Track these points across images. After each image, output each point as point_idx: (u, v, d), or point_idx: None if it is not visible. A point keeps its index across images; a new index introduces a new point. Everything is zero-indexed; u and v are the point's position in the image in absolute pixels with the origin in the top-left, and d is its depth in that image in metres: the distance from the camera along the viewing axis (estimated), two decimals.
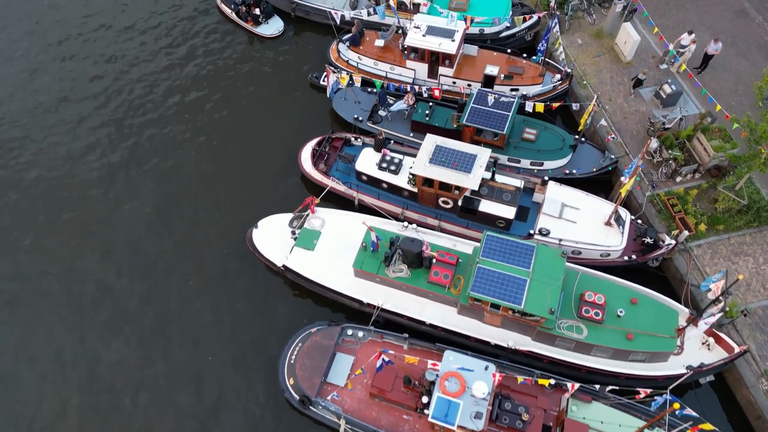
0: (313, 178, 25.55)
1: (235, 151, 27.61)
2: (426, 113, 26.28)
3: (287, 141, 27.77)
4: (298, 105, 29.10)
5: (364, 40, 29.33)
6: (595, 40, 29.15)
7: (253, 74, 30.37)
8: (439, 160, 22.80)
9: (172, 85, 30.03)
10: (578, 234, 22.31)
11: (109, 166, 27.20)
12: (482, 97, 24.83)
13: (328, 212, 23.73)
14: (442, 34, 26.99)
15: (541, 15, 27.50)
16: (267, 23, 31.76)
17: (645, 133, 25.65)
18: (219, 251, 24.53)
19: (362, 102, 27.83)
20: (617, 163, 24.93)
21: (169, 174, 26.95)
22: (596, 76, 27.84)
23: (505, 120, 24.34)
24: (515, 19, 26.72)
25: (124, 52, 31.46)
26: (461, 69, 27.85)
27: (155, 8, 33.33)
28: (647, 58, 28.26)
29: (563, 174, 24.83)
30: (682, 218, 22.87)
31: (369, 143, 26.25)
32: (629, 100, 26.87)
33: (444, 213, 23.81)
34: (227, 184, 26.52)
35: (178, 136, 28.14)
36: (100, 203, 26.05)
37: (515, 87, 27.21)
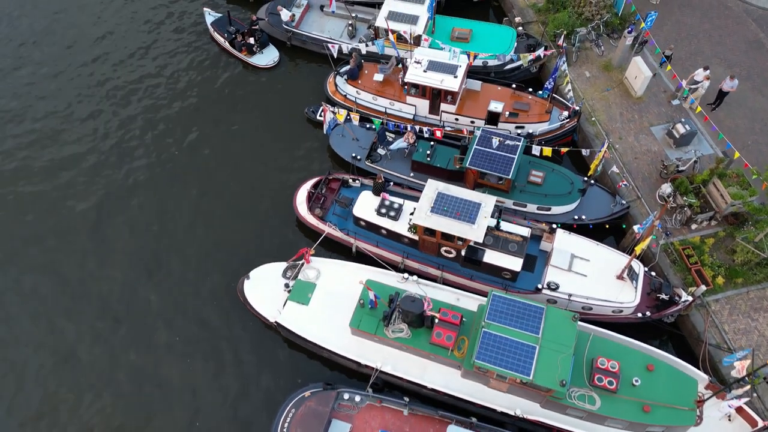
0: (308, 223, 24.30)
1: (226, 191, 26.32)
2: (427, 153, 25.03)
3: (282, 180, 26.52)
4: (294, 141, 27.85)
5: (362, 73, 28.09)
6: (603, 73, 27.90)
7: (246, 107, 29.11)
8: (440, 208, 21.55)
9: (156, 118, 28.67)
10: (589, 288, 21.04)
11: (96, 207, 25.95)
12: (486, 139, 23.59)
13: (324, 262, 22.48)
14: (444, 69, 25.74)
15: (548, 53, 26.22)
16: (262, 53, 30.52)
17: (658, 176, 24.39)
18: (208, 303, 23.26)
19: (360, 139, 26.60)
20: (629, 208, 23.66)
21: (153, 217, 25.63)
22: (605, 112, 26.59)
23: (511, 164, 23.09)
24: (521, 56, 25.45)
25: (107, 83, 30.23)
26: (464, 105, 26.62)
27: (143, 37, 32.05)
28: (659, 93, 27.01)
29: (572, 220, 23.58)
30: (698, 270, 21.60)
31: (367, 184, 25.02)
32: (640, 138, 25.63)
33: (446, 262, 22.56)
34: (218, 227, 25.25)
35: (164, 175, 26.84)
36: (84, 243, 24.80)
37: (521, 124, 25.96)
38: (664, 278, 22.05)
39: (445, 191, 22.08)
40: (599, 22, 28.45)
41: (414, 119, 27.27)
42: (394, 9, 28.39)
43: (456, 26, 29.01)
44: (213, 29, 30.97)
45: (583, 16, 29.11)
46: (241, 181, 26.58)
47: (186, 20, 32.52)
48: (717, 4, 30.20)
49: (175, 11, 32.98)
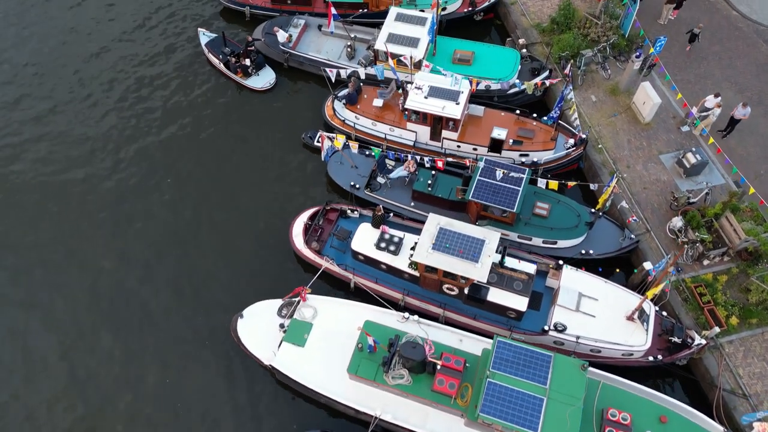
0: (304, 256, 23.40)
1: (219, 222, 25.39)
2: (428, 183, 24.15)
3: (278, 210, 25.63)
4: (291, 168, 26.95)
5: (361, 97, 27.21)
6: (610, 98, 27.01)
7: (241, 132, 28.17)
8: (442, 245, 20.66)
9: (147, 144, 27.72)
10: (597, 330, 20.13)
11: (90, 238, 25.08)
12: (489, 171, 22.70)
13: (321, 300, 21.58)
14: (446, 96, 24.87)
15: (554, 81, 25.31)
16: (258, 75, 29.62)
17: (668, 207, 23.51)
18: (201, 342, 22.36)
19: (360, 167, 25.71)
20: (638, 242, 22.77)
21: (142, 250, 24.73)
22: (612, 139, 25.71)
23: (515, 197, 22.21)
24: (526, 83, 24.57)
25: (97, 104, 29.38)
26: (466, 131, 25.74)
27: (134, 57, 31.09)
28: (667, 118, 26.13)
29: (578, 255, 22.70)
30: (711, 310, 20.71)
31: (366, 215, 24.13)
32: (649, 167, 24.74)
33: (449, 300, 21.67)
34: (210, 260, 24.34)
35: (155, 204, 25.91)
36: (73, 280, 23.92)
37: (525, 152, 25.09)
38: (676, 318, 21.16)
39: (447, 226, 21.20)
40: (606, 45, 27.58)
41: (414, 146, 26.40)
42: (394, 31, 27.52)
43: (458, 48, 28.14)
44: (207, 50, 30.08)
45: (589, 37, 28.25)
46: (236, 211, 25.68)
47: (180, 40, 31.62)
48: (727, 25, 29.34)
49: (169, 30, 32.07)
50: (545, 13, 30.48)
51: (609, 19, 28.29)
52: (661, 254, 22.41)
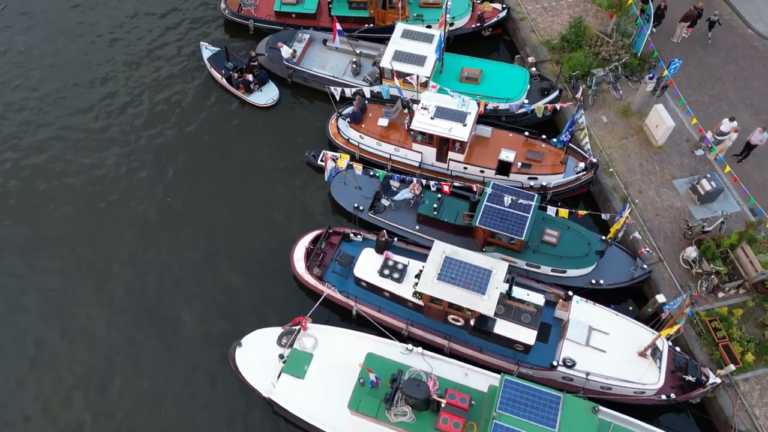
0: (306, 282, 22.75)
1: (218, 243, 24.76)
2: (434, 206, 23.48)
3: (280, 232, 24.97)
4: (294, 188, 26.29)
5: (366, 116, 26.55)
6: (622, 119, 26.28)
7: (242, 150, 27.51)
8: (448, 275, 19.97)
9: (145, 161, 27.05)
10: (608, 366, 19.41)
11: (87, 263, 24.51)
12: (497, 197, 22.00)
13: (322, 330, 20.91)
14: (453, 117, 24.19)
15: (564, 105, 24.57)
16: (260, 90, 28.99)
17: (681, 236, 22.75)
18: (197, 370, 21.72)
19: (363, 188, 25.04)
20: (651, 273, 22.03)
21: (139, 273, 24.11)
22: (624, 163, 24.98)
23: (524, 224, 21.51)
24: (536, 107, 23.85)
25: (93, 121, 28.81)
26: (473, 152, 25.05)
27: (134, 70, 30.49)
28: (681, 141, 25.39)
29: (588, 284, 21.98)
30: (726, 346, 19.96)
31: (370, 239, 23.47)
32: (662, 193, 24.00)
33: (454, 331, 20.97)
34: (209, 284, 23.70)
35: (153, 224, 25.30)
36: (70, 299, 23.35)
37: (533, 176, 24.38)
38: (690, 354, 20.40)
39: (452, 255, 20.50)
40: (618, 64, 26.84)
41: (420, 166, 25.73)
42: (400, 48, 26.85)
43: (465, 66, 27.44)
44: (209, 65, 29.46)
45: (600, 56, 27.53)
46: (236, 232, 25.03)
47: (182, 54, 31.02)
48: (742, 44, 28.57)
49: (170, 43, 31.49)
50: (555, 29, 29.78)
51: (621, 38, 27.57)
52: (674, 285, 21.68)
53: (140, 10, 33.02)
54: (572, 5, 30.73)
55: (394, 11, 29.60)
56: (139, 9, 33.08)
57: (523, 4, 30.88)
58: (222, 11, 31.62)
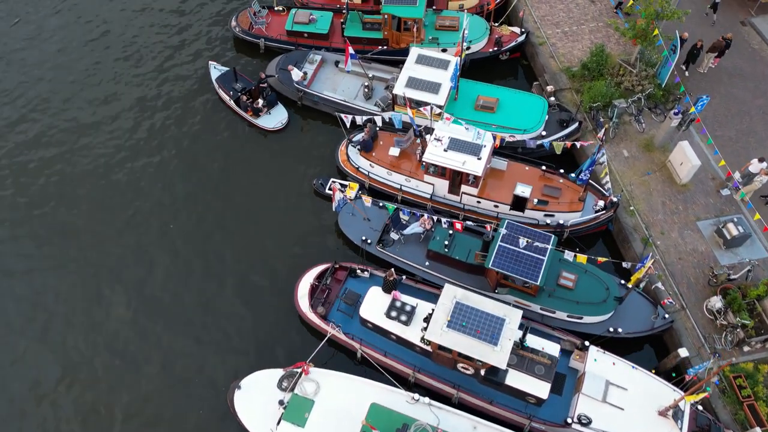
0: (309, 321, 21.86)
1: (220, 276, 23.86)
2: (445, 243, 22.49)
3: (284, 264, 24.07)
4: (300, 217, 25.38)
5: (377, 143, 25.64)
6: (644, 154, 25.14)
7: (248, 175, 26.54)
8: (458, 323, 18.97)
9: (147, 185, 26.22)
10: (626, 425, 18.34)
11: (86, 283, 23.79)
12: (512, 238, 20.98)
13: (325, 374, 19.99)
14: (467, 149, 23.20)
15: (585, 144, 23.44)
16: (269, 113, 28.14)
17: (706, 283, 21.60)
18: (194, 412, 20.87)
19: (372, 219, 24.12)
20: (672, 322, 20.90)
21: (133, 305, 23.29)
22: (646, 201, 23.85)
23: (539, 267, 20.49)
24: (554, 144, 22.81)
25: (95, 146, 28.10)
26: (487, 186, 24.05)
27: (139, 89, 29.72)
28: (706, 179, 24.22)
29: (606, 332, 20.89)
30: (751, 405, 18.81)
31: (378, 276, 22.53)
32: (685, 235, 22.85)
33: (463, 380, 19.96)
34: (209, 320, 22.79)
35: (152, 251, 24.50)
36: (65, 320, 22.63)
37: (550, 213, 23.33)
38: (713, 413, 19.24)
39: (463, 300, 19.51)
40: (641, 96, 25.71)
41: (431, 198, 24.77)
42: (414, 75, 25.94)
43: (481, 94, 26.45)
44: (218, 85, 28.65)
45: (623, 86, 26.42)
46: (239, 263, 24.15)
47: (190, 72, 30.25)
48: None
49: (178, 61, 30.74)
50: (575, 55, 28.70)
51: (645, 67, 26.44)
52: (697, 336, 20.55)
53: (150, 26, 32.30)
54: (594, 30, 29.64)
55: (408, 33, 28.69)
56: (148, 24, 32.36)
57: (543, 28, 29.85)
58: (232, 29, 30.85)
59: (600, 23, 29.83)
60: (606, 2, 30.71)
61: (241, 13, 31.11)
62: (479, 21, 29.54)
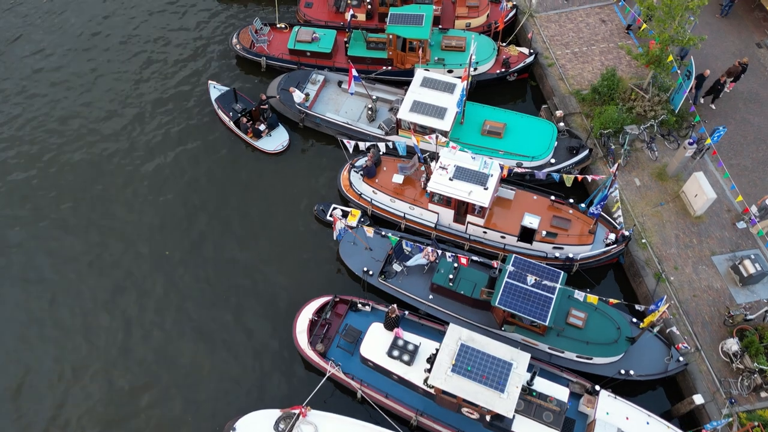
0: (308, 358, 21.05)
1: (214, 308, 22.98)
2: (450, 277, 21.68)
3: (283, 294, 23.30)
4: (300, 244, 24.58)
5: (380, 170, 24.82)
6: (656, 183, 24.29)
7: (246, 199, 25.76)
8: (463, 367, 18.14)
9: (143, 209, 25.47)
10: None
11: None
12: (519, 275, 20.15)
13: (323, 417, 19.16)
14: (473, 179, 22.39)
15: (597, 179, 22.48)
16: (270, 135, 27.37)
17: (721, 322, 20.74)
18: None
19: (374, 249, 23.32)
20: (687, 365, 20.03)
21: (121, 339, 22.61)
22: (658, 233, 22.99)
23: (548, 306, 19.65)
24: (564, 177, 21.97)
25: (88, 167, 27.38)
26: (493, 215, 23.23)
27: (137, 106, 29.03)
28: (721, 211, 23.35)
29: (617, 374, 20.04)
30: None
31: (380, 310, 21.73)
32: (700, 270, 21.99)
33: (468, 425, 19.11)
34: (203, 356, 21.96)
35: (146, 281, 23.75)
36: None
37: (559, 245, 22.49)
38: None
39: (469, 342, 18.69)
40: (653, 123, 24.85)
41: (436, 227, 23.95)
42: (419, 98, 25.15)
43: (488, 118, 25.66)
44: (217, 105, 27.87)
45: (635, 111, 25.57)
46: (236, 294, 23.34)
47: (190, 90, 29.50)
48: None
49: (178, 77, 29.99)
50: (585, 78, 27.86)
51: (657, 92, 25.58)
52: (712, 380, 19.68)
53: (146, 42, 31.57)
54: (604, 51, 28.80)
55: (413, 54, 27.89)
56: (147, 41, 31.65)
57: (552, 49, 29.02)
58: (233, 46, 30.07)
59: (611, 44, 28.99)
60: (617, 22, 29.88)
61: (242, 31, 30.35)
62: (486, 41, 28.73)
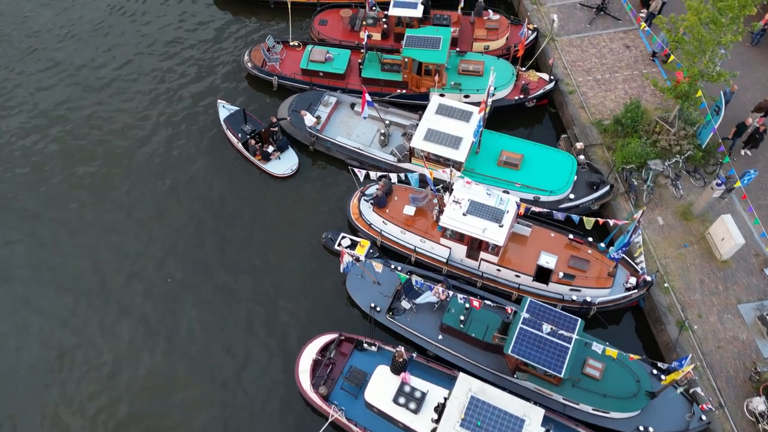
0: (310, 400, 20.17)
1: (213, 340, 22.16)
2: (461, 318, 20.72)
3: (285, 327, 22.43)
4: (305, 274, 23.67)
5: (391, 198, 23.90)
6: (681, 222, 23.15)
7: (252, 224, 24.90)
8: (473, 422, 17.18)
9: (144, 237, 24.65)
10: None
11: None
12: (534, 323, 19.13)
13: None
14: (488, 215, 21.40)
15: (620, 223, 21.27)
16: (279, 158, 26.54)
17: (747, 378, 19.59)
18: None
19: (383, 284, 22.39)
20: (709, 424, 18.91)
21: (110, 377, 21.91)
22: (682, 277, 21.87)
23: (563, 357, 18.61)
24: (585, 220, 20.92)
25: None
26: (508, 252, 22.22)
27: (142, 124, 28.33)
28: (749, 256, 22.19)
29: (636, 430, 18.96)
30: None
31: (386, 349, 20.80)
32: (725, 319, 20.85)
33: None
34: (199, 389, 21.22)
35: (147, 308, 22.99)
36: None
37: (576, 287, 21.45)
38: None
39: (479, 395, 17.74)
40: (679, 159, 23.73)
41: (447, 262, 22.98)
42: (434, 126, 24.23)
43: (505, 148, 24.66)
44: (226, 126, 27.09)
45: (659, 144, 24.45)
46: (237, 328, 22.43)
47: (198, 109, 28.73)
48: None
49: (187, 94, 29.28)
50: (608, 107, 26.78)
51: (684, 126, 24.44)
52: None
53: (158, 58, 30.95)
54: (628, 79, 27.70)
55: (429, 78, 26.97)
56: (153, 57, 30.96)
57: (573, 75, 27.96)
58: (245, 64, 29.28)
59: (635, 71, 27.89)
60: (642, 48, 28.76)
61: (254, 48, 29.57)
62: (505, 66, 27.75)
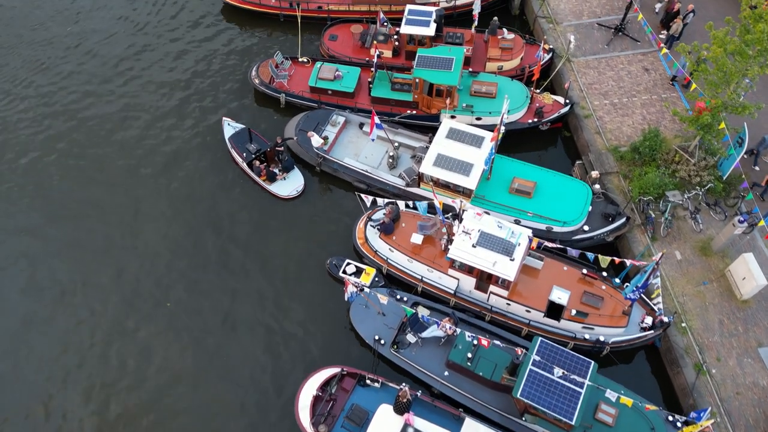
0: None
1: (210, 373, 21.47)
2: (468, 355, 19.92)
3: (287, 361, 21.68)
4: (308, 302, 22.95)
5: (398, 225, 23.13)
6: (700, 258, 22.23)
7: (254, 248, 24.22)
8: None
9: (142, 260, 24.07)
10: None
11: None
12: (545, 365, 18.29)
13: None
14: (498, 247, 20.61)
15: (637, 264, 20.38)
16: (284, 179, 25.86)
17: (766, 425, 18.64)
18: None
19: (387, 315, 21.63)
20: None
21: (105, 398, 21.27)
22: (700, 317, 20.94)
23: (575, 403, 17.75)
24: (600, 258, 20.05)
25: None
26: (519, 286, 21.40)
27: (143, 144, 27.70)
28: None
29: None
30: None
31: (390, 386, 20.02)
32: (744, 363, 19.91)
33: None
34: (195, 425, 20.57)
35: (145, 335, 22.37)
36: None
37: (589, 326, 20.59)
38: None
39: None
40: (699, 192, 22.82)
41: (455, 294, 22.18)
42: (444, 152, 23.49)
43: (517, 175, 23.85)
44: (230, 144, 26.43)
45: (678, 174, 23.55)
46: (236, 358, 21.74)
47: (203, 126, 28.12)
48: None
49: (191, 112, 28.65)
50: (625, 132, 25.89)
51: (704, 155, 23.52)
52: None
53: (158, 64, 30.40)
54: (646, 104, 26.79)
55: (440, 99, 26.20)
56: (160, 70, 30.41)
57: (589, 98, 27.08)
58: (252, 80, 28.62)
59: (654, 96, 26.97)
60: (661, 71, 27.83)
61: (261, 64, 28.90)
62: (519, 87, 26.94)
